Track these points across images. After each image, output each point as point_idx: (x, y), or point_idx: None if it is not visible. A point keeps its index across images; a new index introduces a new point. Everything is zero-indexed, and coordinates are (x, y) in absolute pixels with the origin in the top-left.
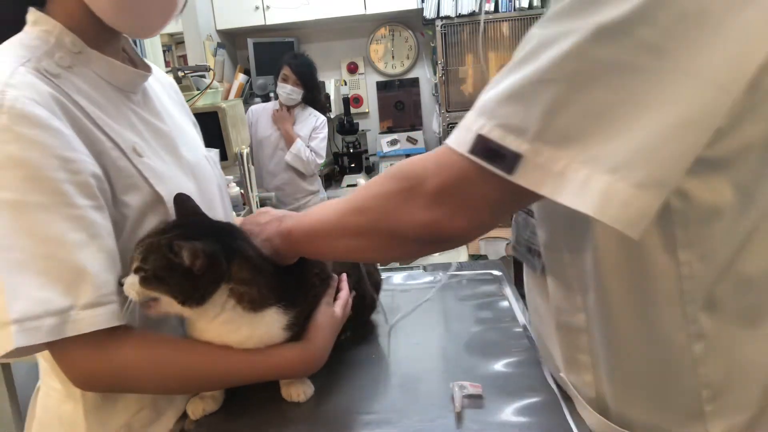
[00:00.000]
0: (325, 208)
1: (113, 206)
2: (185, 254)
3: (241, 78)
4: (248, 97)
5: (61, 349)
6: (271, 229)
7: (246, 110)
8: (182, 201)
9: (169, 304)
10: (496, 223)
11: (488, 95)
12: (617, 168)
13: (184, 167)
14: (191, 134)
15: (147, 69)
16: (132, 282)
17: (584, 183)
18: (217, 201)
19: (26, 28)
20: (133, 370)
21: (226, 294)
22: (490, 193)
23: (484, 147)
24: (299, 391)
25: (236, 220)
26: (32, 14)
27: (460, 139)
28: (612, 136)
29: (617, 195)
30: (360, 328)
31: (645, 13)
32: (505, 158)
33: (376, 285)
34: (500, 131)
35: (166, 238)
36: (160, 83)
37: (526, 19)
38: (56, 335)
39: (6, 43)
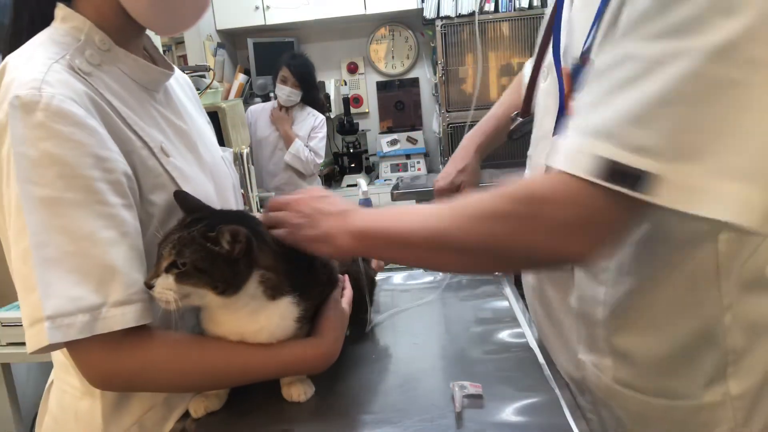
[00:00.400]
0: (407, 214)
1: (140, 205)
2: (227, 237)
3: (241, 78)
4: (248, 97)
5: (80, 348)
6: (332, 223)
7: (246, 110)
8: (183, 197)
9: (200, 297)
10: (616, 245)
11: (604, 118)
12: (749, 176)
13: (203, 167)
14: (208, 134)
15: (169, 68)
16: (166, 282)
17: (720, 194)
18: (231, 201)
19: (55, 24)
20: (151, 370)
21: (257, 280)
22: (616, 216)
23: (613, 170)
24: (300, 391)
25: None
26: (61, 10)
27: (579, 165)
28: (738, 148)
29: (753, 200)
30: (359, 327)
31: (752, 31)
32: (638, 179)
33: (371, 283)
34: (629, 153)
35: (197, 230)
36: (178, 81)
37: (526, 19)
38: (87, 332)
39: (36, 38)
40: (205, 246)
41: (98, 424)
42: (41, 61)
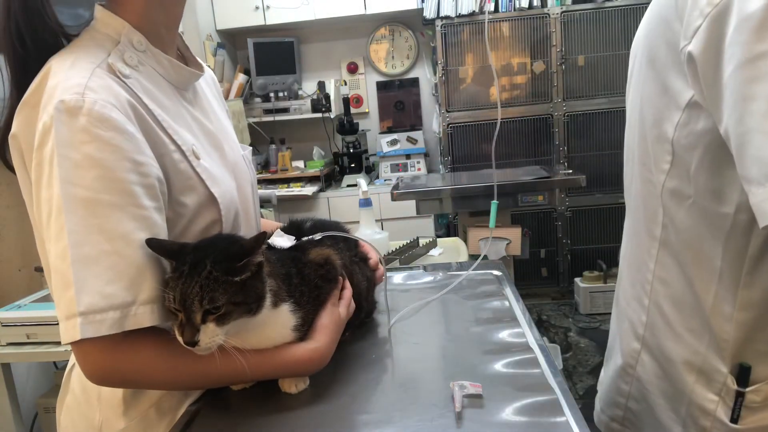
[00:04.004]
0: None
1: (169, 206)
2: (260, 257)
3: (241, 78)
4: (248, 97)
5: (82, 345)
6: None
7: (245, 110)
8: (158, 244)
9: (236, 326)
10: None
11: None
12: None
13: (227, 166)
14: (231, 132)
15: (199, 68)
16: (210, 330)
17: None
18: (250, 200)
19: (96, 26)
20: (148, 371)
21: (268, 290)
22: None
23: None
24: (291, 384)
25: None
26: (100, 12)
27: None
28: None
29: None
30: (359, 328)
31: None
32: None
33: (369, 283)
34: None
35: (214, 269)
36: (205, 79)
37: (526, 19)
38: (117, 329)
39: (78, 41)
40: (232, 280)
41: (119, 406)
42: (84, 66)
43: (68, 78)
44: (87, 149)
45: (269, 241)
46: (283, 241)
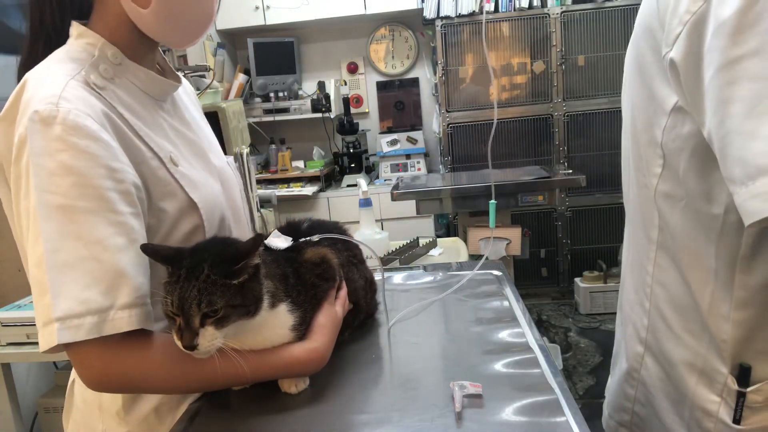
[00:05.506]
0: None
1: (149, 213)
2: (257, 259)
3: (241, 78)
4: (248, 97)
5: (78, 349)
6: None
7: (245, 110)
8: (153, 249)
9: (234, 328)
10: None
11: None
12: None
13: (212, 173)
14: (214, 140)
15: (177, 79)
16: (209, 334)
17: None
18: (239, 203)
19: (71, 41)
20: (147, 374)
21: (265, 291)
22: None
23: None
24: (291, 384)
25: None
26: (76, 28)
27: None
28: None
29: None
30: (358, 329)
31: None
32: None
33: (370, 284)
34: None
35: (211, 273)
36: (184, 89)
37: (526, 19)
38: (96, 333)
39: (54, 55)
40: (229, 283)
41: (119, 413)
42: (59, 78)
43: (42, 89)
44: (62, 157)
45: (266, 242)
46: (280, 242)
